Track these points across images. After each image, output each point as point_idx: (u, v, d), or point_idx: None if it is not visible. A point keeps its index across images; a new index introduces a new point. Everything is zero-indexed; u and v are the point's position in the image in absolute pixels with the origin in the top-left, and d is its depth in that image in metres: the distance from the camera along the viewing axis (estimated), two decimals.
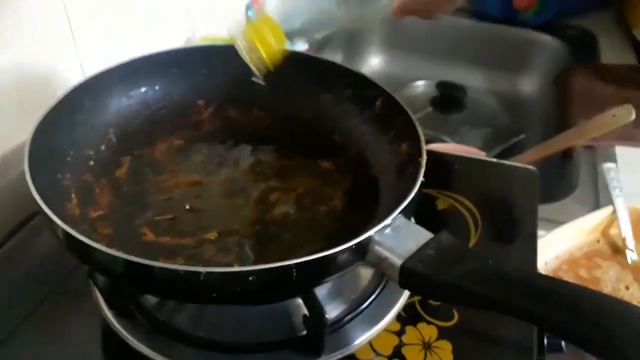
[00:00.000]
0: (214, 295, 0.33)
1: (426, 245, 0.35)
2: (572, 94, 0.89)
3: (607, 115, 0.76)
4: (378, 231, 0.35)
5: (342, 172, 0.48)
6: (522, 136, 0.93)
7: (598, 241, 0.58)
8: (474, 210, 0.52)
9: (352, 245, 0.34)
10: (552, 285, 0.30)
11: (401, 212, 0.36)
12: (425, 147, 0.42)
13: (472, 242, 0.49)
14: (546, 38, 1.02)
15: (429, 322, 0.42)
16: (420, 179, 0.39)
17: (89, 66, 0.59)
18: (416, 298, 0.44)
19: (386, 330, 0.42)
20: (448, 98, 1.03)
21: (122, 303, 0.41)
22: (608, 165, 0.66)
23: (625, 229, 0.57)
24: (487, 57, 1.06)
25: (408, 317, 0.43)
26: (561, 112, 0.89)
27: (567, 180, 0.77)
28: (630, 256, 0.56)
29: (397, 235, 0.35)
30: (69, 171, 0.44)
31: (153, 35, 0.69)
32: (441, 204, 0.53)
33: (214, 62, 0.53)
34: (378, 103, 0.49)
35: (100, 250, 0.33)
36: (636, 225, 0.57)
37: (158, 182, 0.47)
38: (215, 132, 0.52)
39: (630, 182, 0.66)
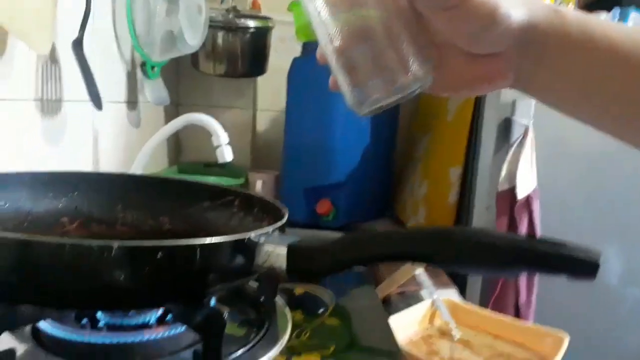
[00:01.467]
0: (122, 278, 0.34)
1: (301, 239, 0.42)
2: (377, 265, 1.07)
3: (408, 265, 0.94)
4: (263, 234, 0.42)
5: None
6: None
7: (427, 329, 0.68)
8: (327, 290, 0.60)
9: (245, 238, 0.40)
10: (410, 232, 0.40)
11: (278, 227, 0.44)
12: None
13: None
14: None
15: (311, 352, 0.46)
16: (286, 216, 0.48)
17: None
18: (295, 340, 0.47)
19: None
20: None
21: None
22: (417, 272, 0.80)
23: (447, 315, 0.68)
24: None
25: (292, 352, 0.45)
26: (375, 275, 1.04)
27: None
28: (455, 334, 0.66)
29: (278, 238, 0.42)
30: None
31: None
32: (298, 291, 0.59)
33: (77, 185, 0.58)
34: (237, 203, 0.58)
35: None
36: (451, 311, 0.69)
37: None
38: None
39: None
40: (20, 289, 0.35)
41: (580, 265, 0.34)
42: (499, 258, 0.36)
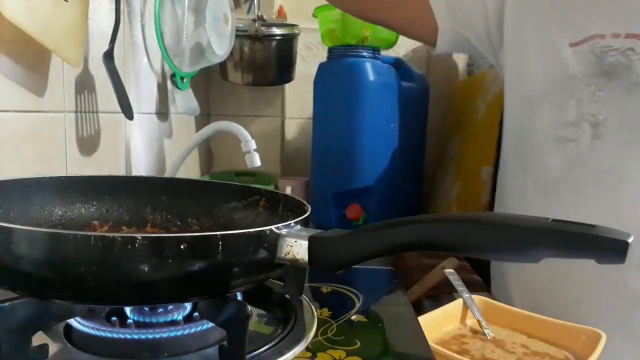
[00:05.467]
0: (146, 269, 0.35)
1: (323, 230, 0.42)
2: (407, 267, 1.06)
3: (438, 268, 0.93)
4: (284, 226, 0.42)
5: None
6: None
7: (460, 328, 0.67)
8: (354, 291, 0.59)
9: (267, 230, 0.40)
10: (433, 219, 0.39)
11: (299, 221, 0.44)
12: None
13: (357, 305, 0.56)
14: None
15: (336, 349, 0.45)
16: (309, 211, 0.48)
17: None
18: (321, 337, 0.47)
19: (298, 357, 0.43)
20: None
21: None
22: (448, 270, 0.78)
23: (478, 314, 0.67)
24: None
25: (316, 348, 0.45)
26: (405, 280, 1.03)
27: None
28: (488, 334, 0.65)
29: (299, 230, 0.42)
30: None
31: None
32: (325, 290, 0.59)
33: (108, 189, 0.60)
34: (262, 202, 0.59)
35: (21, 229, 0.34)
36: (484, 310, 0.68)
37: None
38: None
39: None
40: (49, 284, 0.36)
41: (608, 245, 0.33)
42: (526, 240, 0.35)
